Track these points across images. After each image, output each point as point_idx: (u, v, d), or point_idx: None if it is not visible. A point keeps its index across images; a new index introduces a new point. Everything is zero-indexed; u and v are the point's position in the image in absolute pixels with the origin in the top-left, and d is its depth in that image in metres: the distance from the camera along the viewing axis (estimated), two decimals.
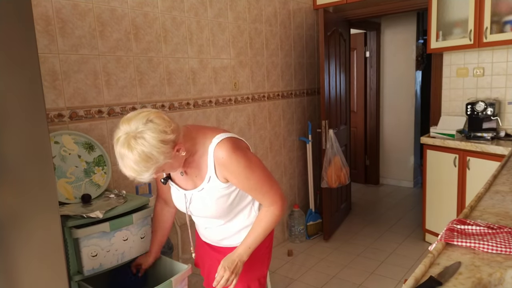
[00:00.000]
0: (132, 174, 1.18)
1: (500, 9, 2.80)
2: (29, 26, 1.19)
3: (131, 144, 1.12)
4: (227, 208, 1.39)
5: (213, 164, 1.30)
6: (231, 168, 1.29)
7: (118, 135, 1.15)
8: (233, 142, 1.31)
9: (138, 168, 1.16)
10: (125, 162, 1.15)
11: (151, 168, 1.16)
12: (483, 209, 1.28)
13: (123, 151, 1.14)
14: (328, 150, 3.38)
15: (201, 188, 1.35)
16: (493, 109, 2.95)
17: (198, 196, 1.37)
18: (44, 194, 1.26)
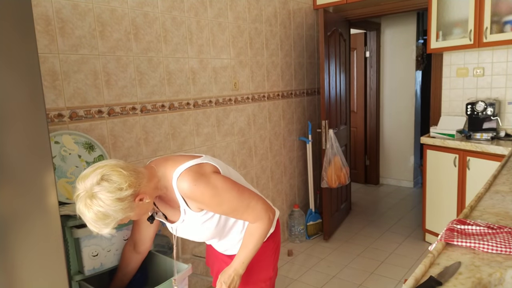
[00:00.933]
0: (94, 230, 1.16)
1: (500, 9, 2.80)
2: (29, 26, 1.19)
3: (87, 203, 1.11)
4: (216, 229, 1.39)
5: (181, 197, 1.29)
6: (198, 199, 1.27)
7: (76, 193, 1.14)
8: (193, 172, 1.26)
9: (97, 225, 1.14)
10: (85, 219, 1.14)
11: (110, 224, 1.14)
12: (483, 209, 1.28)
13: (81, 209, 1.13)
14: (328, 150, 3.38)
15: (182, 220, 1.35)
16: (493, 109, 2.95)
17: (183, 227, 1.38)
18: (44, 194, 1.26)
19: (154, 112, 2.33)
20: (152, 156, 2.33)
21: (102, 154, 1.92)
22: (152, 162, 1.34)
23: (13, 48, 1.15)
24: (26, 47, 1.18)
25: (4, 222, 1.17)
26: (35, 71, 1.21)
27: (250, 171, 3.09)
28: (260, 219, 1.35)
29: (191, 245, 2.60)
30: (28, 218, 1.23)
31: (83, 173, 1.15)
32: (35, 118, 1.22)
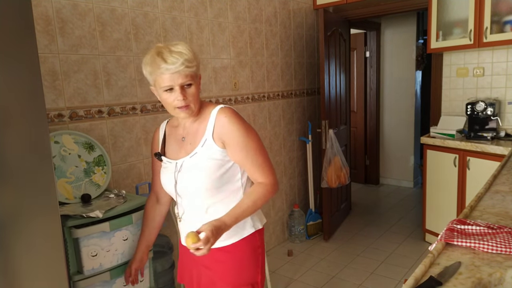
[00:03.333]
0: (179, 59, 1.20)
1: (500, 9, 2.80)
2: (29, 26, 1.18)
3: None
4: (216, 180, 1.29)
5: (212, 126, 1.29)
6: (231, 131, 1.28)
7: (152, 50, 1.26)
8: (236, 111, 1.34)
9: (188, 52, 1.23)
10: (174, 48, 1.22)
11: (195, 61, 1.24)
12: (483, 209, 1.28)
13: (169, 46, 1.23)
14: (328, 150, 3.38)
15: (194, 153, 1.31)
16: (493, 109, 2.95)
17: (189, 164, 1.32)
18: (44, 194, 1.26)
19: (154, 112, 2.33)
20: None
21: (102, 154, 1.92)
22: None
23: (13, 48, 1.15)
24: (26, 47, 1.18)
25: (4, 222, 1.17)
26: (35, 71, 1.21)
27: None
28: (268, 179, 1.32)
29: None
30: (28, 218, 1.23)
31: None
32: (35, 118, 1.22)
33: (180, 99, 1.23)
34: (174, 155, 1.37)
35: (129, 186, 2.20)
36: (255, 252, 1.39)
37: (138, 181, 2.25)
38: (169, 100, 1.25)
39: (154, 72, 1.22)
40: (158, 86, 1.24)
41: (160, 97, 1.28)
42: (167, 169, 1.38)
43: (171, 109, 1.28)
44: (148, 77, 1.27)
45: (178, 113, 1.29)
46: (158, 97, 1.30)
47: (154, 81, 1.25)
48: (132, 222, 1.67)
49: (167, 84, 1.22)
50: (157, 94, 1.30)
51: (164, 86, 1.23)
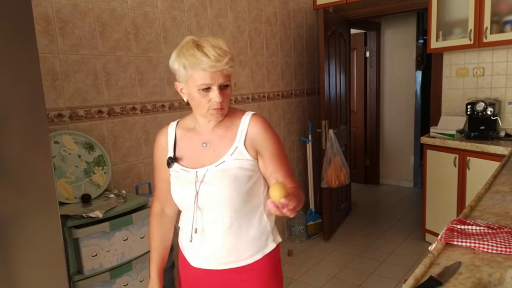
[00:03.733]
0: (224, 56, 1.09)
1: (500, 9, 2.80)
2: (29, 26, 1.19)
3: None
4: (245, 193, 1.17)
5: (244, 133, 1.18)
6: (267, 140, 1.19)
7: (184, 41, 1.14)
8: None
9: (230, 50, 1.12)
10: (215, 43, 1.11)
11: (233, 59, 1.14)
12: (483, 209, 1.28)
13: (209, 40, 1.12)
14: (328, 150, 3.38)
15: (221, 161, 1.16)
16: (493, 109, 2.95)
17: (214, 174, 1.16)
18: (44, 194, 1.26)
19: (154, 112, 2.33)
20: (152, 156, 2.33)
21: (102, 154, 1.92)
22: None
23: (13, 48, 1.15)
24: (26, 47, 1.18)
25: (4, 222, 1.17)
26: (35, 71, 1.21)
27: None
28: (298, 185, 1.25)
29: None
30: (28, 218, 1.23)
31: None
32: (35, 118, 1.22)
33: (219, 101, 1.11)
34: (191, 163, 1.19)
35: (129, 186, 2.20)
36: (276, 266, 1.32)
37: (138, 181, 2.25)
38: (203, 99, 1.11)
39: (192, 67, 1.08)
40: (192, 82, 1.10)
41: (191, 95, 1.13)
42: (180, 178, 1.19)
43: (203, 110, 1.14)
44: (181, 71, 1.11)
45: (211, 115, 1.15)
46: (184, 94, 1.16)
47: (189, 76, 1.10)
48: (132, 222, 1.67)
49: (207, 82, 1.09)
50: (185, 91, 1.15)
51: (202, 84, 1.09)
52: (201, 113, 1.16)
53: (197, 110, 1.16)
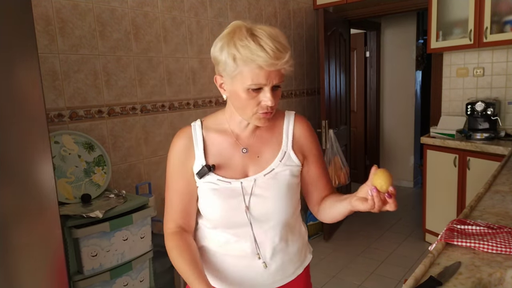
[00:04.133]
0: (284, 54, 0.89)
1: (500, 9, 2.79)
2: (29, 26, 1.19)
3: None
4: (296, 203, 1.08)
5: (291, 136, 1.05)
6: (314, 142, 1.07)
7: (234, 25, 0.92)
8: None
9: (285, 39, 0.92)
10: (273, 35, 0.90)
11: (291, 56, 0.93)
12: (483, 209, 1.28)
13: (265, 30, 0.90)
14: (328, 150, 3.38)
15: (271, 169, 1.01)
16: (493, 109, 2.95)
17: (264, 183, 1.00)
18: (44, 194, 1.26)
19: (154, 112, 2.33)
20: (152, 156, 2.33)
21: (102, 154, 1.92)
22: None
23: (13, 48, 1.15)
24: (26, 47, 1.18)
25: (4, 222, 1.17)
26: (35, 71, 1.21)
27: None
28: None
29: None
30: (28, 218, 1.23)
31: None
32: (35, 118, 1.22)
33: (271, 104, 0.93)
34: (230, 172, 1.00)
35: (129, 186, 2.20)
36: (310, 278, 1.19)
37: (138, 181, 2.25)
38: (251, 101, 0.92)
39: (245, 61, 0.87)
40: (241, 80, 0.90)
41: (236, 93, 0.93)
42: (220, 191, 0.98)
43: (248, 113, 0.95)
44: (228, 64, 0.90)
45: (257, 120, 0.96)
46: (225, 91, 0.96)
47: (238, 72, 0.89)
48: (132, 222, 1.67)
49: (260, 81, 0.89)
50: (228, 87, 0.94)
51: (254, 83, 0.89)
52: (246, 116, 0.96)
53: (241, 112, 0.97)
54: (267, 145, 1.04)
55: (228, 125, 1.03)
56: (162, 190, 2.40)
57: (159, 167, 2.37)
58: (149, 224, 1.76)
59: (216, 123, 1.05)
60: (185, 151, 1.01)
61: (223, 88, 0.97)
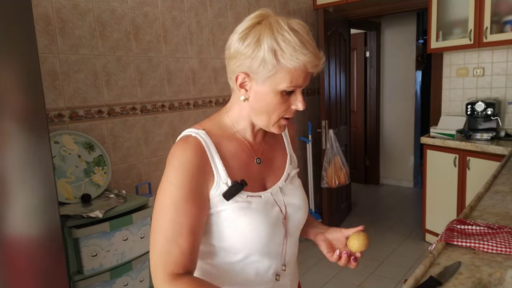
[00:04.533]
0: (322, 53, 0.80)
1: (500, 9, 2.79)
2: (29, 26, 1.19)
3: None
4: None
5: (288, 137, 1.01)
6: (295, 140, 1.06)
7: (263, 16, 0.80)
8: None
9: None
10: (303, 28, 0.79)
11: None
12: (483, 209, 1.28)
13: (291, 21, 0.79)
14: (328, 150, 3.38)
15: (287, 175, 0.94)
16: (493, 109, 2.95)
17: (288, 190, 0.92)
18: (44, 194, 1.26)
19: (154, 112, 2.33)
20: (152, 156, 2.33)
21: (102, 154, 1.92)
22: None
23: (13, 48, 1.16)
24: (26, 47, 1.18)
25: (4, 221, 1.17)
26: (35, 71, 1.21)
27: None
28: None
29: None
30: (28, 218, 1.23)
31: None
32: (35, 118, 1.22)
33: (302, 108, 0.84)
34: (253, 185, 0.87)
35: (129, 186, 2.20)
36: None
37: (138, 181, 2.25)
38: (282, 105, 0.82)
39: (288, 60, 0.75)
40: (278, 81, 0.78)
41: (264, 95, 0.80)
42: (255, 209, 0.83)
43: (272, 118, 0.83)
44: (266, 60, 0.76)
45: (277, 127, 0.85)
46: (248, 91, 0.82)
47: (277, 71, 0.77)
48: (132, 222, 1.67)
49: (299, 83, 0.79)
50: (253, 87, 0.81)
51: (292, 84, 0.78)
52: (268, 121, 0.84)
53: (264, 116, 0.84)
54: (276, 150, 0.96)
55: (232, 131, 0.88)
56: None
57: (159, 167, 2.37)
58: (149, 224, 1.76)
59: (221, 129, 0.88)
60: (200, 168, 0.80)
61: (245, 87, 0.82)
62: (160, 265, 0.76)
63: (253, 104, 0.83)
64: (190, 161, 0.79)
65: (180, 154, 0.80)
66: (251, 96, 0.83)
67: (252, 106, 0.84)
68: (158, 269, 0.76)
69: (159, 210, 0.78)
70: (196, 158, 0.80)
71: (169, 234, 0.76)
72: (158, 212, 0.78)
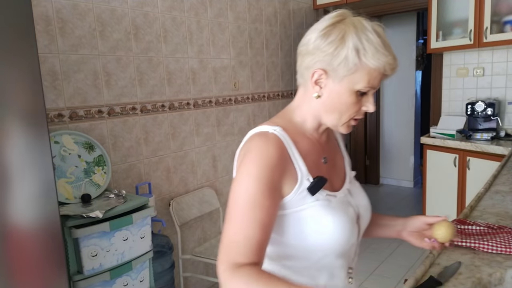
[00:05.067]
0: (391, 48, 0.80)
1: (500, 9, 2.79)
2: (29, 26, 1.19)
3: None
4: None
5: (340, 138, 1.02)
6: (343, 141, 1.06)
7: (344, 15, 0.87)
8: None
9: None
10: (380, 29, 0.81)
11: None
12: (483, 209, 1.28)
13: (373, 24, 0.83)
14: None
15: (349, 177, 0.96)
16: (493, 109, 2.95)
17: (354, 192, 0.94)
18: (44, 194, 1.26)
19: (154, 112, 2.33)
20: (152, 156, 2.33)
21: (102, 154, 1.92)
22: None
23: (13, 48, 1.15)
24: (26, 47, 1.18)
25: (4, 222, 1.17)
26: (35, 71, 1.21)
27: None
28: None
29: (191, 245, 2.60)
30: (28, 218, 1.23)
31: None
32: (35, 118, 1.22)
33: (372, 109, 0.84)
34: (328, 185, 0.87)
35: (129, 186, 2.20)
36: None
37: (138, 181, 2.25)
38: (355, 106, 0.82)
39: (371, 61, 0.77)
40: (355, 80, 0.79)
41: (339, 94, 0.81)
42: (336, 208, 0.84)
43: (344, 118, 0.84)
44: (349, 58, 0.77)
45: (345, 127, 0.86)
46: (322, 88, 0.83)
47: (356, 69, 0.78)
48: (132, 222, 1.67)
49: (374, 84, 0.80)
50: (329, 85, 0.81)
51: (369, 85, 0.79)
52: (339, 121, 0.84)
53: (335, 115, 0.83)
54: (335, 152, 0.97)
55: (302, 130, 0.88)
56: (162, 190, 2.40)
57: (159, 167, 2.37)
58: (149, 224, 1.76)
59: (293, 126, 0.87)
60: (280, 165, 0.79)
61: (319, 84, 0.82)
62: (225, 254, 0.75)
63: (326, 102, 0.83)
64: (271, 155, 0.78)
65: (261, 147, 0.79)
66: (324, 94, 0.83)
67: (324, 104, 0.84)
68: (223, 258, 0.75)
69: (234, 202, 0.77)
70: (277, 154, 0.79)
71: (240, 225, 0.75)
72: (233, 203, 0.78)
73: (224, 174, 2.83)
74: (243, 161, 0.79)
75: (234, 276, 0.72)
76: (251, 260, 0.74)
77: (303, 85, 0.87)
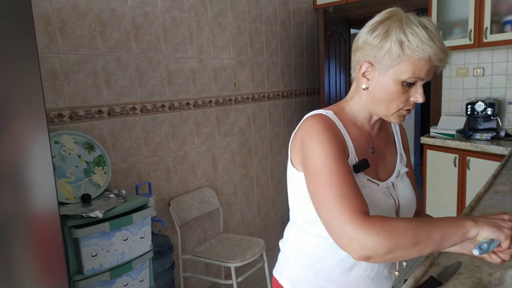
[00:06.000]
0: (444, 44, 0.85)
1: (500, 9, 2.79)
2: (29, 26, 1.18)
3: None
4: None
5: (399, 136, 1.02)
6: (407, 141, 1.05)
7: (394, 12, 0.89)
8: None
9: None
10: (433, 25, 0.84)
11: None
12: (483, 209, 1.28)
13: (423, 19, 0.84)
14: None
15: (398, 172, 0.97)
16: (493, 109, 2.95)
17: (400, 187, 0.95)
18: (44, 194, 1.25)
19: (154, 112, 2.33)
20: (152, 156, 2.33)
21: (102, 154, 1.92)
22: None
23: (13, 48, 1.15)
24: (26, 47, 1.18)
25: (4, 222, 1.17)
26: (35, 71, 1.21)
27: (250, 171, 3.09)
28: None
29: (191, 245, 2.60)
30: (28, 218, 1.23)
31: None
32: (35, 118, 1.22)
33: (421, 100, 0.88)
34: (369, 171, 0.91)
35: (129, 186, 2.20)
36: None
37: (138, 181, 2.25)
38: (401, 96, 0.85)
39: (414, 51, 0.80)
40: (400, 71, 0.82)
41: (385, 85, 0.84)
42: (373, 191, 0.89)
43: (392, 108, 0.86)
44: (392, 50, 0.81)
45: (396, 117, 0.88)
46: (369, 80, 0.87)
47: (401, 61, 0.81)
48: (132, 222, 1.67)
49: (420, 75, 0.84)
50: (375, 77, 0.86)
51: (414, 76, 0.83)
52: (387, 111, 0.87)
53: (383, 106, 0.87)
54: (387, 146, 0.98)
55: (354, 119, 0.93)
56: (162, 190, 2.40)
57: (159, 167, 2.37)
58: (149, 224, 1.76)
59: (346, 116, 0.92)
60: (339, 134, 0.86)
61: (367, 77, 0.87)
62: (344, 209, 0.73)
63: (373, 92, 0.87)
64: (331, 128, 0.84)
65: (320, 122, 0.85)
66: (371, 85, 0.87)
67: (372, 95, 0.88)
68: (344, 215, 0.73)
69: (318, 168, 0.80)
70: (334, 128, 0.86)
71: (336, 180, 0.77)
72: (316, 170, 0.80)
73: (224, 174, 2.83)
74: (306, 137, 0.84)
75: (378, 219, 0.71)
76: (367, 210, 0.76)
77: (355, 79, 0.92)
